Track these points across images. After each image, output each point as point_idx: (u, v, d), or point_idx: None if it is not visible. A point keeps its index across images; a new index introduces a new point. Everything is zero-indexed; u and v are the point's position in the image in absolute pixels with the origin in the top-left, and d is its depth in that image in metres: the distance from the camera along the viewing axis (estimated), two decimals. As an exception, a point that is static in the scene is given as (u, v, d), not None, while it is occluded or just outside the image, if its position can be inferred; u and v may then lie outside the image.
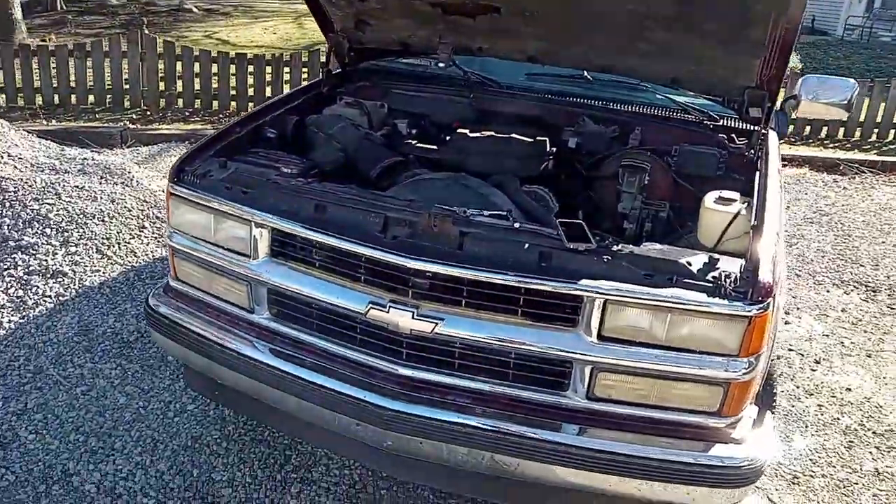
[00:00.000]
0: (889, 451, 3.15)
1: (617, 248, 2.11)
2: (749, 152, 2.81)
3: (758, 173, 2.53)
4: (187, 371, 2.85)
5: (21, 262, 3.93)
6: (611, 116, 3.11)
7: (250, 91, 7.87)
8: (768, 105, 2.78)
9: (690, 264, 2.05)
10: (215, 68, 7.82)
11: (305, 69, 7.93)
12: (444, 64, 3.22)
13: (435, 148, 3.03)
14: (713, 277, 2.01)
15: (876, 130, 8.05)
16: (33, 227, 4.15)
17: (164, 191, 4.50)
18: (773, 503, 2.83)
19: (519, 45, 3.07)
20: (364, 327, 2.29)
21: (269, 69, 7.89)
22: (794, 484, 2.94)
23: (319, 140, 3.00)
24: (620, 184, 2.82)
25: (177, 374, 3.27)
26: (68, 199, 4.41)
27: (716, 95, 2.97)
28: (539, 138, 2.95)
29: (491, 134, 2.99)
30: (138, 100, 7.83)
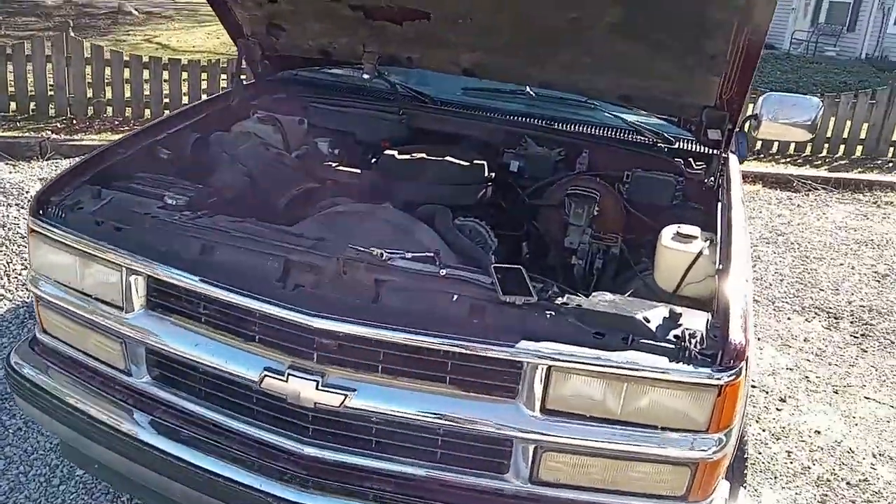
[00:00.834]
0: (863, 505, 2.87)
1: (562, 300, 1.76)
2: (708, 179, 2.51)
3: (719, 204, 2.24)
4: (62, 441, 2.40)
5: None
6: (556, 137, 2.79)
7: (185, 98, 7.33)
8: (729, 127, 2.46)
9: (648, 321, 1.71)
10: (147, 74, 7.31)
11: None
12: (368, 75, 2.84)
13: (358, 172, 2.65)
14: (675, 337, 1.67)
15: (826, 146, 7.98)
16: None
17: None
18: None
19: (453, 56, 2.70)
20: (261, 397, 1.88)
21: (204, 76, 7.40)
22: (764, 547, 2.63)
23: (223, 162, 2.58)
24: (567, 214, 2.50)
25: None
26: (-50, 225, 3.89)
27: (671, 115, 2.67)
28: (476, 162, 2.60)
29: (422, 156, 2.62)
30: (64, 108, 7.25)
